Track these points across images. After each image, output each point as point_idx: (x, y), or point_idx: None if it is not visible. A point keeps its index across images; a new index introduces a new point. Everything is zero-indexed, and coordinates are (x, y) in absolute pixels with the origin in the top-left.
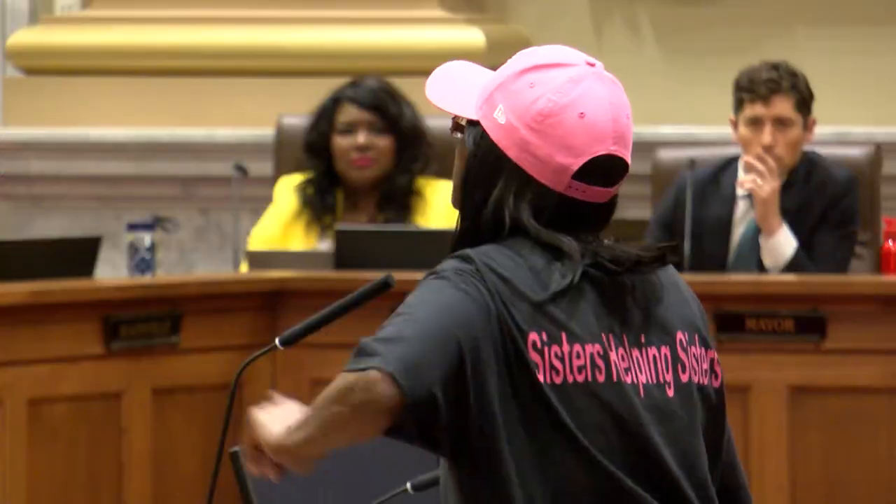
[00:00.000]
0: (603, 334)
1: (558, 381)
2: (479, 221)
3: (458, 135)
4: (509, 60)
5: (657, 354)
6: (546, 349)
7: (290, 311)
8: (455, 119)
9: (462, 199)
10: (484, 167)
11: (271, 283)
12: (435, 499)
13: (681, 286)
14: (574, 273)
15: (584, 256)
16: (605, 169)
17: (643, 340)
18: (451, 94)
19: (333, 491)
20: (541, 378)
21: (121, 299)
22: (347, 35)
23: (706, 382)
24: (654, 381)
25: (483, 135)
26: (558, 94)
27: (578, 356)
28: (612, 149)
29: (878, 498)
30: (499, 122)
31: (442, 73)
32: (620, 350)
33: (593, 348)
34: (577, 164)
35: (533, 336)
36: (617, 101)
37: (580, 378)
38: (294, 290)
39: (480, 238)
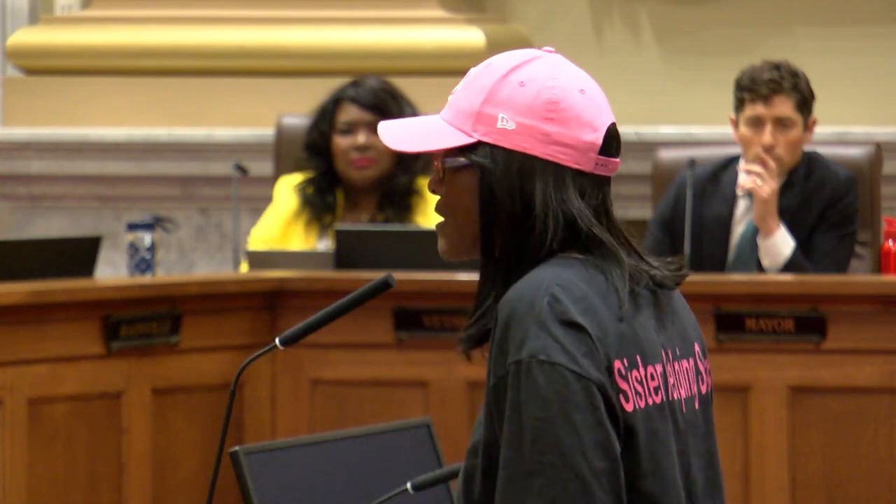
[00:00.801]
0: (661, 352)
1: (642, 404)
2: (524, 232)
3: (449, 171)
4: (468, 80)
5: (688, 367)
6: (629, 374)
7: (290, 311)
8: (440, 164)
9: (489, 222)
10: (510, 179)
11: (271, 283)
12: (435, 499)
13: (681, 297)
14: (630, 291)
15: (636, 275)
16: (616, 138)
17: (678, 353)
18: (424, 135)
19: (334, 491)
20: (631, 405)
21: (121, 299)
22: (347, 35)
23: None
24: (689, 395)
25: (494, 149)
26: (553, 81)
27: (653, 378)
28: (613, 117)
29: (878, 498)
30: (508, 129)
31: (390, 126)
32: (669, 366)
33: (660, 368)
34: (600, 137)
35: (618, 364)
36: (587, 75)
37: (658, 399)
38: (294, 290)
39: (527, 249)
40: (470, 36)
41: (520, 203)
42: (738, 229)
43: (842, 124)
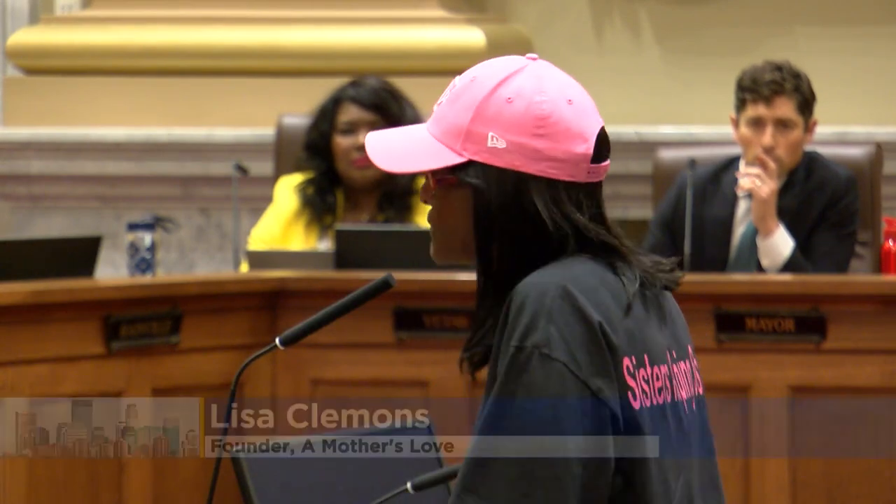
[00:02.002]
0: (665, 352)
1: (648, 403)
2: (530, 247)
3: (440, 190)
4: (454, 94)
5: (686, 368)
6: (636, 373)
7: (290, 311)
8: (431, 179)
9: (486, 240)
10: (505, 197)
11: (271, 283)
12: (435, 499)
13: (673, 299)
14: (635, 289)
15: (644, 277)
16: (606, 142)
17: (675, 355)
18: (414, 154)
19: (333, 491)
20: (638, 403)
21: (121, 299)
22: (347, 35)
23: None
24: (689, 395)
25: (486, 168)
26: (540, 94)
27: (658, 378)
28: (601, 120)
29: (878, 498)
30: (499, 148)
31: (377, 141)
32: (674, 367)
33: (664, 368)
34: (590, 146)
35: (626, 361)
36: (572, 78)
37: (660, 400)
38: (294, 290)
39: (532, 263)
40: (470, 36)
41: (520, 220)
42: (739, 230)
43: (842, 124)
